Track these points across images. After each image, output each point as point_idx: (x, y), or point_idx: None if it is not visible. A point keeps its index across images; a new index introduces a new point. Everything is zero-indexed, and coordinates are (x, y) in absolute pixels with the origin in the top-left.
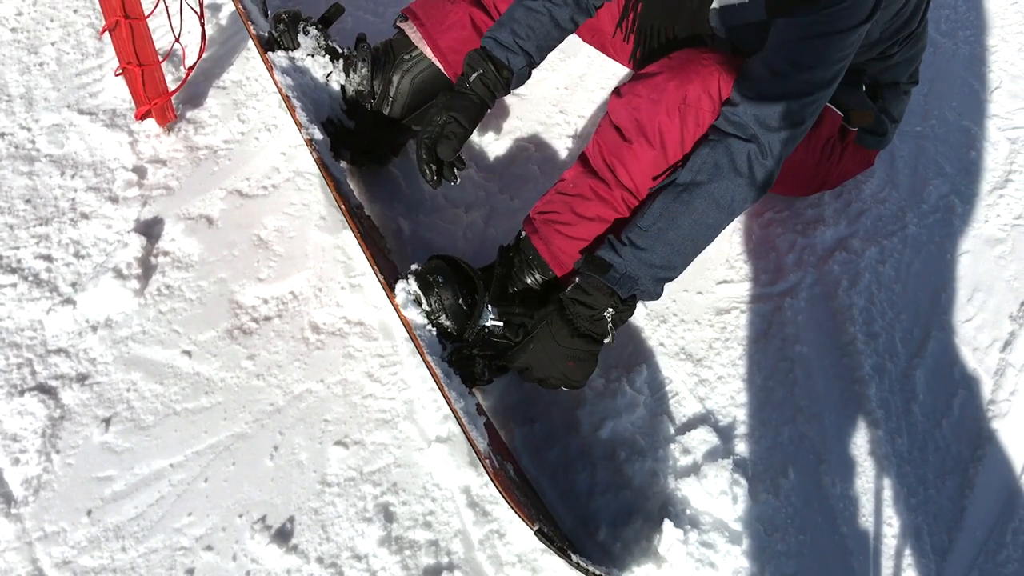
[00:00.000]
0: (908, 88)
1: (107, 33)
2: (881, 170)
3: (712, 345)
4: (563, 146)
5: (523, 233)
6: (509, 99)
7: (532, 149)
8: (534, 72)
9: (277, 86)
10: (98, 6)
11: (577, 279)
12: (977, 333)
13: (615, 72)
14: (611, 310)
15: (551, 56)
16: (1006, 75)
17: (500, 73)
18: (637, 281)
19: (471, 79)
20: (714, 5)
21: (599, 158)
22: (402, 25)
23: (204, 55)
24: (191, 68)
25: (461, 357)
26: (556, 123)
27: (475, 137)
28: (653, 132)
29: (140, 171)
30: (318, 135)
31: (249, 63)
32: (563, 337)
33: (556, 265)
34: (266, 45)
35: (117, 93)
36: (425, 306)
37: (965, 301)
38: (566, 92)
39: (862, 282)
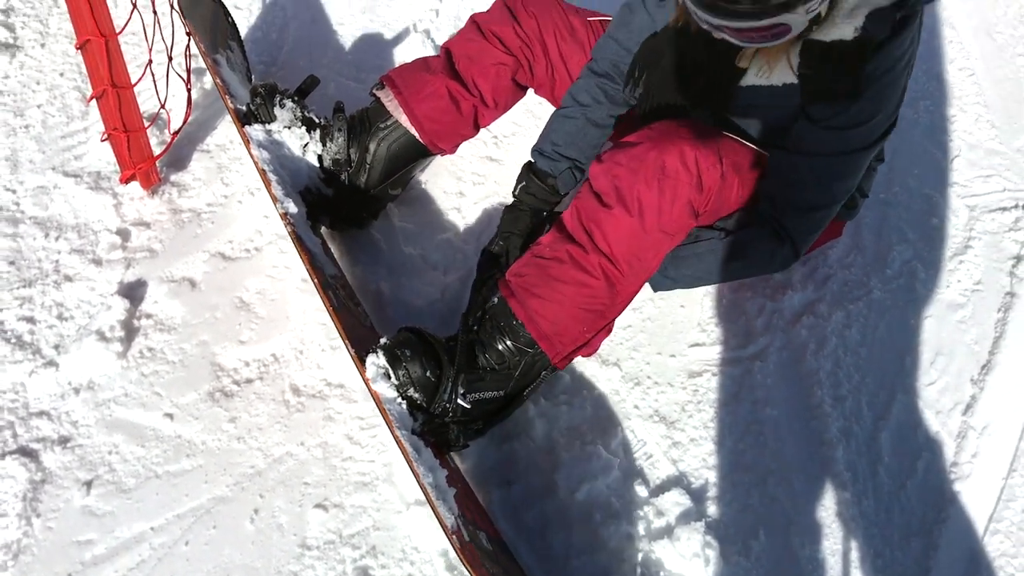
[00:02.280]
0: (875, 165)
1: (94, 100)
2: (847, 236)
3: (685, 407)
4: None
5: (498, 296)
6: (488, 165)
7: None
8: (513, 139)
9: (254, 160)
10: (84, 69)
11: None
12: (940, 396)
13: None
14: None
15: (528, 121)
16: (964, 144)
17: (545, 182)
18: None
19: (517, 191)
20: (744, 83)
21: (576, 222)
22: (379, 93)
23: (189, 118)
24: (176, 133)
25: (435, 426)
26: None
27: (454, 200)
28: (632, 200)
29: (124, 233)
30: (292, 208)
31: (233, 127)
32: None
33: (532, 327)
34: (244, 119)
35: (102, 156)
36: (393, 380)
37: (928, 365)
38: None
39: (829, 346)
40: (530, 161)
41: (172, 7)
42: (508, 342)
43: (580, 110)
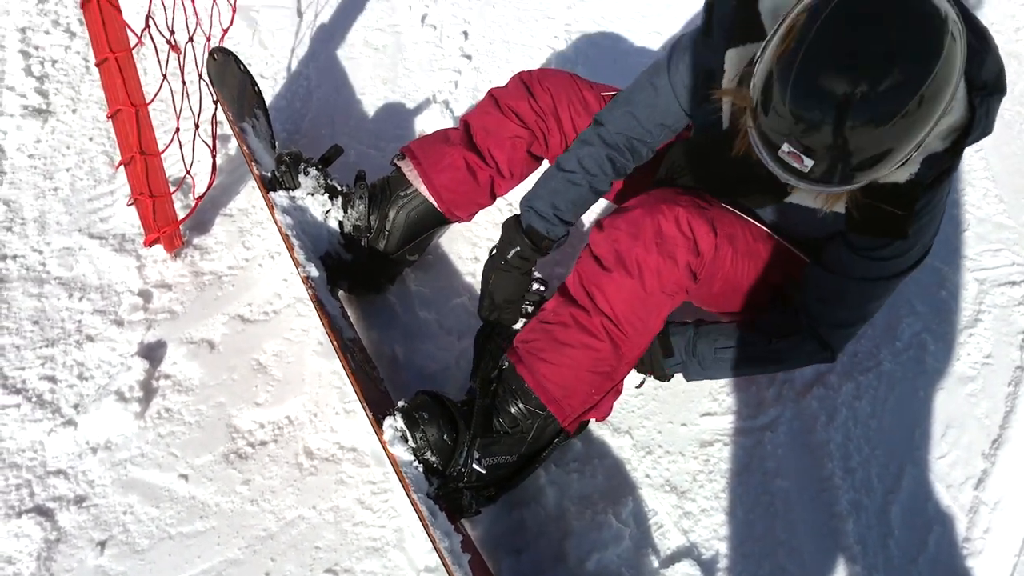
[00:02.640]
0: None
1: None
2: None
3: (696, 477)
4: (547, 274)
5: (507, 363)
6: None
7: None
8: None
9: (277, 225)
10: (112, 135)
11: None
12: (951, 470)
13: (599, 203)
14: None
15: None
16: (973, 218)
17: (539, 244)
18: (685, 372)
19: (509, 256)
20: (789, 200)
21: (579, 286)
22: (399, 163)
23: (213, 183)
24: (200, 198)
25: (448, 491)
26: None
27: (469, 266)
28: (632, 263)
29: (146, 295)
30: (314, 272)
31: (255, 192)
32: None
33: (541, 392)
34: (269, 185)
35: (127, 219)
36: (411, 442)
37: (939, 438)
38: None
39: (839, 417)
40: (518, 218)
41: (200, 76)
42: (520, 405)
43: (586, 178)
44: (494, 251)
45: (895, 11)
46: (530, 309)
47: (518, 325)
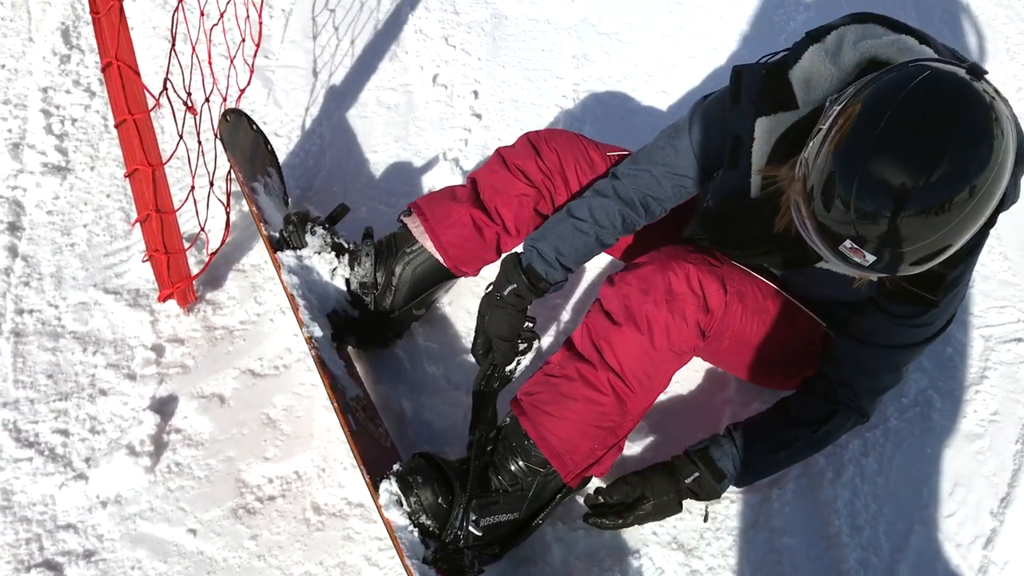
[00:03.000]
0: None
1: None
2: None
3: (703, 535)
4: (555, 329)
5: (509, 417)
6: None
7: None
8: None
9: (283, 285)
10: (129, 192)
11: (697, 475)
12: (959, 528)
13: (609, 257)
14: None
15: None
16: (978, 275)
17: (536, 284)
18: (738, 484)
19: (505, 293)
20: (820, 265)
21: (587, 341)
22: (406, 220)
23: (227, 239)
24: (213, 254)
25: (447, 553)
26: (553, 305)
27: (474, 320)
28: (641, 318)
29: (159, 349)
30: (318, 332)
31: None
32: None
33: (544, 445)
34: (276, 245)
35: (142, 274)
36: (406, 507)
37: (946, 495)
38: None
39: (846, 474)
40: (519, 257)
41: (215, 136)
42: (520, 462)
43: (595, 228)
44: (490, 287)
45: (956, 111)
46: (521, 347)
47: (512, 366)
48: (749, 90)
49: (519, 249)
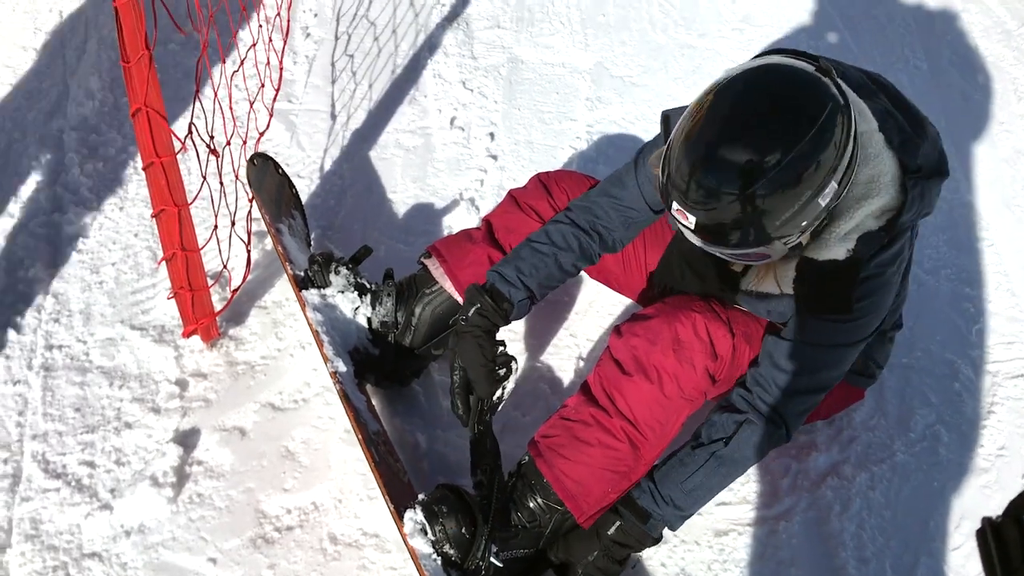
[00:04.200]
0: (892, 335)
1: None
2: (871, 399)
3: (711, 567)
4: (571, 367)
5: (527, 457)
6: (525, 320)
7: (543, 369)
8: (548, 295)
9: (308, 322)
10: (155, 231)
11: (619, 523)
12: (965, 562)
13: (622, 300)
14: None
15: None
16: (985, 311)
17: (500, 305)
18: (670, 524)
19: (469, 314)
20: (742, 286)
21: (600, 388)
22: (426, 262)
23: (248, 277)
24: (235, 291)
25: None
26: (566, 345)
27: None
28: (650, 368)
29: (182, 384)
30: (342, 367)
31: (288, 285)
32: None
33: (559, 488)
34: (301, 283)
35: (167, 311)
36: (431, 535)
37: (953, 529)
38: (576, 317)
39: (853, 507)
40: (480, 286)
41: (236, 177)
42: (539, 500)
43: (552, 249)
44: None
45: (770, 90)
46: (500, 372)
47: (498, 393)
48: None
49: None
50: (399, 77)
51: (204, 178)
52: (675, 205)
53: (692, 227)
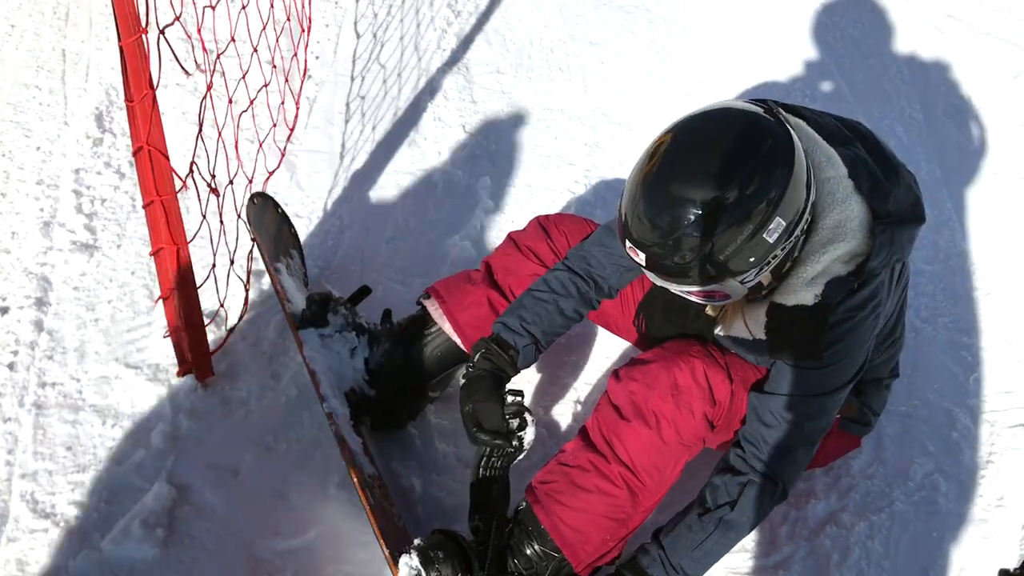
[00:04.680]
0: (889, 382)
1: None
2: (868, 447)
3: None
4: (569, 410)
5: (524, 503)
6: None
7: (541, 412)
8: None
9: (305, 362)
10: (153, 268)
11: None
12: None
13: (619, 343)
14: None
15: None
16: (983, 360)
17: (506, 352)
18: None
19: (475, 359)
20: (718, 332)
21: (598, 433)
22: (425, 303)
23: (244, 316)
24: (231, 330)
25: None
26: (563, 388)
27: None
28: (649, 415)
29: (175, 423)
30: (339, 409)
31: (284, 325)
32: None
33: (556, 535)
34: (299, 323)
35: (162, 349)
36: None
37: None
38: (573, 360)
39: (852, 557)
40: (486, 338)
41: (239, 216)
42: (536, 546)
43: (552, 296)
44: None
45: (709, 134)
46: (513, 423)
47: (515, 444)
48: None
49: None
50: (399, 119)
51: (204, 217)
52: (628, 244)
53: (644, 264)
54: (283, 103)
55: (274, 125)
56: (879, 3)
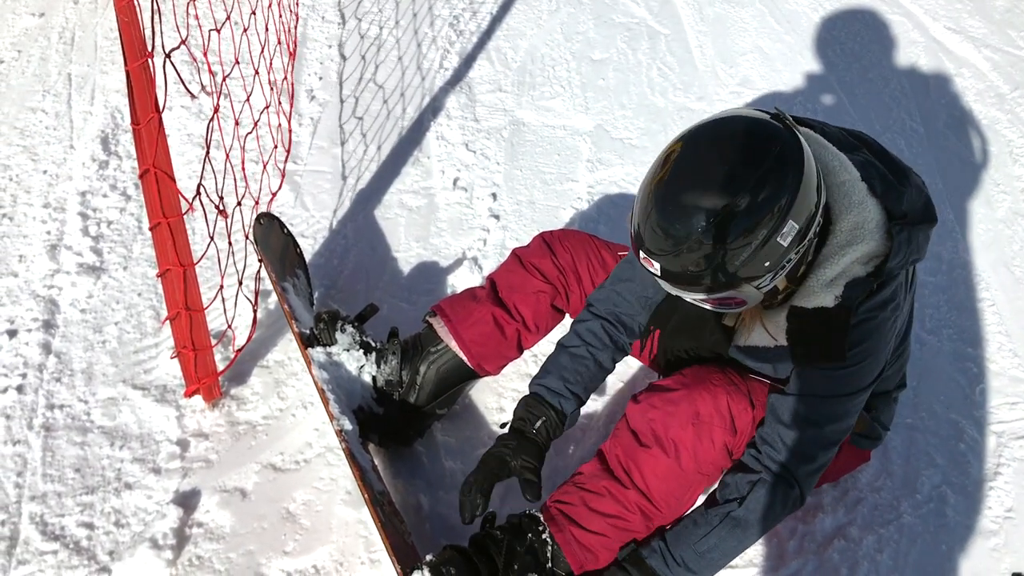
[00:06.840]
0: (897, 395)
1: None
2: (876, 460)
3: None
4: (579, 430)
5: (538, 517)
6: (527, 382)
7: None
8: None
9: (314, 380)
10: (159, 290)
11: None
12: None
13: (633, 363)
14: None
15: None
16: (988, 372)
17: (562, 422)
18: None
19: (536, 426)
20: (736, 343)
21: (616, 459)
22: (431, 320)
23: (252, 338)
24: (239, 351)
25: None
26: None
27: (494, 416)
28: (668, 442)
29: (183, 444)
30: (348, 426)
31: (291, 344)
32: None
33: (569, 553)
34: (307, 341)
35: (169, 370)
36: None
37: None
38: None
39: (861, 571)
40: (536, 395)
41: (246, 237)
42: (549, 564)
43: (588, 349)
44: (508, 426)
45: (719, 141)
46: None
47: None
48: None
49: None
50: (403, 139)
51: (211, 238)
52: (641, 254)
53: (659, 273)
54: (280, 125)
55: (275, 147)
56: (878, 17)
